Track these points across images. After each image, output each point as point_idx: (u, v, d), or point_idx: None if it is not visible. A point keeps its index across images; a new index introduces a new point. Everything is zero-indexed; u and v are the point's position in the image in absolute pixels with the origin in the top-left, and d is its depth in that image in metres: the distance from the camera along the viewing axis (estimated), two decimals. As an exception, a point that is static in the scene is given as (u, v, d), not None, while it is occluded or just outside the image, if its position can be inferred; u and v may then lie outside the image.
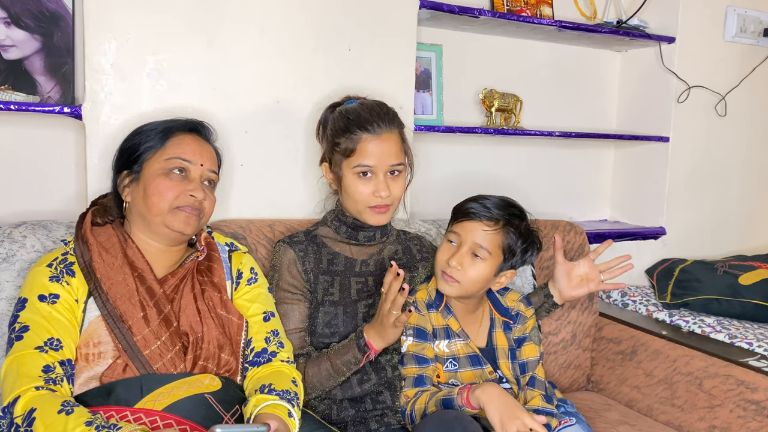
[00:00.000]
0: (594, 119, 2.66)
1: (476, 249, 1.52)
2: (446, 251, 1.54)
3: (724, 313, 2.21)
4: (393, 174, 1.54)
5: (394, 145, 1.53)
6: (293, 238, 1.59)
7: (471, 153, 2.39)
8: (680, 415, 1.84)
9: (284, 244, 1.58)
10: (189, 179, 1.38)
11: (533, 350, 1.61)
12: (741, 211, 2.76)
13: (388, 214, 1.57)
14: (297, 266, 1.55)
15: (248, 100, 1.80)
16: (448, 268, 1.52)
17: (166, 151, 1.38)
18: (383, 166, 1.52)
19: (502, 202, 1.56)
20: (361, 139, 1.50)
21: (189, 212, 1.36)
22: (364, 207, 1.54)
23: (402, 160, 1.56)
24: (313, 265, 1.56)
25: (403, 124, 1.59)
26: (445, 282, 1.53)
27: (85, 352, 1.27)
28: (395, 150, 1.53)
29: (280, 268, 1.56)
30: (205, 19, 1.72)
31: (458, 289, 1.53)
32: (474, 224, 1.52)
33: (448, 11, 2.05)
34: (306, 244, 1.58)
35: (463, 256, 1.51)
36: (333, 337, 1.53)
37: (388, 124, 1.52)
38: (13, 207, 1.72)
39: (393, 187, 1.53)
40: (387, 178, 1.53)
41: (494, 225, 1.52)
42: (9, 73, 1.65)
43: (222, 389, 1.30)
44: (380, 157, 1.51)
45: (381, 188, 1.51)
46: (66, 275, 1.30)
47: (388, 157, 1.52)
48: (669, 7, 2.48)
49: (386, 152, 1.51)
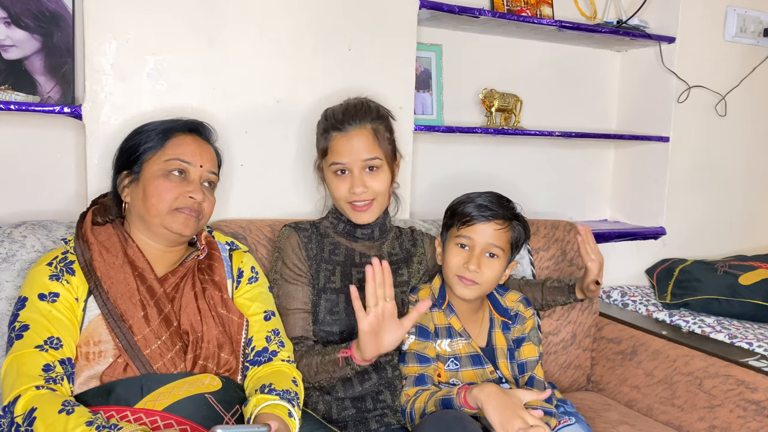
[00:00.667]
0: (594, 119, 2.66)
1: (491, 249, 1.53)
2: (459, 256, 1.55)
3: (724, 313, 2.21)
4: (371, 170, 1.54)
5: (365, 141, 1.53)
6: (299, 225, 1.61)
7: (471, 153, 2.39)
8: (680, 415, 1.84)
9: (289, 228, 1.60)
10: (188, 180, 1.38)
11: (532, 350, 1.61)
12: (741, 211, 2.76)
13: (371, 212, 1.56)
14: (300, 250, 1.56)
15: (248, 100, 1.80)
16: (466, 272, 1.52)
17: (166, 152, 1.37)
18: (356, 162, 1.52)
19: (498, 198, 1.58)
20: (332, 137, 1.54)
21: (188, 214, 1.36)
22: (345, 204, 1.56)
23: (377, 154, 1.54)
24: (315, 252, 1.57)
25: (382, 119, 1.57)
26: (464, 286, 1.54)
27: (86, 351, 1.27)
28: (366, 145, 1.53)
29: (285, 249, 1.57)
30: (205, 20, 1.73)
31: (477, 291, 1.55)
32: (485, 226, 1.53)
33: (448, 11, 2.05)
34: (310, 232, 1.60)
35: (480, 257, 1.52)
36: (335, 325, 1.53)
37: (358, 120, 1.53)
38: (13, 207, 1.72)
39: (371, 182, 1.53)
40: (363, 174, 1.53)
41: (504, 223, 1.54)
42: (9, 73, 1.65)
43: (222, 389, 1.30)
44: (350, 153, 1.52)
45: (356, 184, 1.52)
46: (66, 274, 1.30)
47: (359, 152, 1.52)
48: (669, 7, 2.48)
49: (356, 148, 1.52)
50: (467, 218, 1.54)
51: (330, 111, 1.59)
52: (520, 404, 1.34)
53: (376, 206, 1.56)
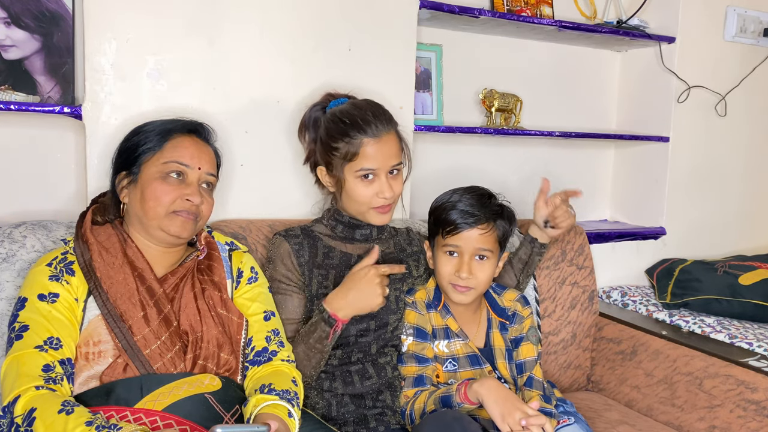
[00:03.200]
0: (594, 119, 2.66)
1: (480, 252, 1.53)
2: (450, 264, 1.54)
3: (724, 313, 2.21)
4: (393, 173, 1.55)
5: (394, 146, 1.54)
6: (289, 232, 1.60)
7: (471, 153, 2.39)
8: (680, 415, 1.84)
9: (280, 237, 1.59)
10: (186, 183, 1.37)
11: (530, 350, 1.61)
12: (741, 211, 2.76)
13: (390, 213, 1.59)
14: (292, 259, 1.55)
15: (248, 100, 1.80)
16: (459, 279, 1.52)
17: (164, 155, 1.37)
18: (385, 167, 1.52)
19: (479, 198, 1.56)
20: (363, 143, 1.50)
21: (185, 217, 1.36)
22: (368, 208, 1.55)
23: (401, 159, 1.57)
24: (308, 258, 1.56)
25: (397, 123, 1.59)
26: (459, 293, 1.54)
27: (85, 351, 1.27)
28: (395, 151, 1.54)
29: (275, 260, 1.57)
30: (205, 20, 1.73)
31: (473, 294, 1.55)
32: (470, 232, 1.52)
33: (448, 11, 2.05)
34: (302, 238, 1.58)
35: (470, 263, 1.52)
36: None
37: (386, 125, 1.53)
38: (13, 207, 1.71)
39: (394, 186, 1.55)
40: (388, 178, 1.53)
41: (488, 225, 1.53)
42: (9, 73, 1.65)
43: (222, 389, 1.30)
44: (382, 159, 1.51)
45: (385, 189, 1.52)
46: (66, 274, 1.30)
47: (389, 158, 1.53)
48: (669, 7, 2.48)
49: (387, 154, 1.52)
50: (451, 227, 1.53)
51: (345, 111, 1.54)
52: (519, 398, 1.36)
53: (393, 207, 1.59)
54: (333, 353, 1.53)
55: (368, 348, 1.55)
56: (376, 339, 1.56)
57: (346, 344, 1.54)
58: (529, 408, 1.32)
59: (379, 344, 1.56)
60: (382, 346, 1.57)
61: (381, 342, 1.57)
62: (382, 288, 1.47)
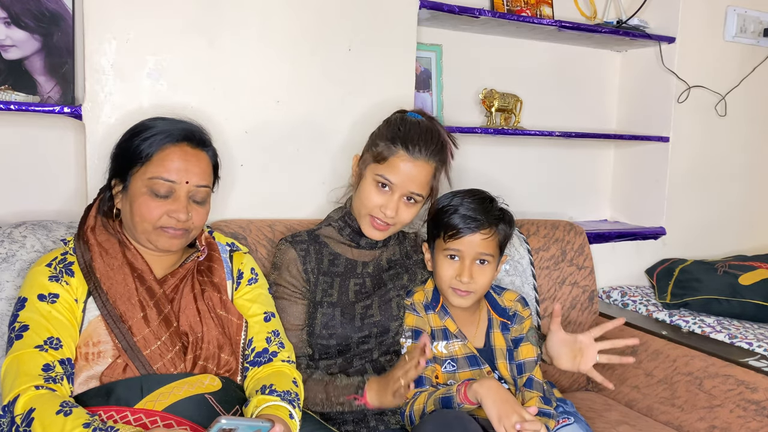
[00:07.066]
0: (594, 119, 2.66)
1: (481, 257, 1.53)
2: (451, 268, 1.54)
3: (724, 313, 2.21)
4: (409, 200, 1.53)
5: (425, 176, 1.51)
6: (296, 238, 1.59)
7: (471, 153, 2.39)
8: (680, 415, 1.84)
9: (286, 243, 1.58)
10: (173, 198, 1.33)
11: (530, 351, 1.60)
12: (741, 211, 2.76)
13: (385, 233, 1.56)
14: (298, 266, 1.55)
15: (248, 100, 1.80)
16: (460, 284, 1.52)
17: (150, 169, 1.32)
18: (403, 188, 1.50)
19: (480, 202, 1.55)
20: (397, 154, 1.49)
21: (172, 233, 1.34)
22: (366, 214, 1.54)
23: (424, 192, 1.53)
24: (314, 265, 1.56)
25: (444, 162, 1.56)
26: (459, 297, 1.54)
27: (85, 352, 1.27)
28: (422, 180, 1.51)
29: (281, 266, 1.56)
30: (205, 20, 1.73)
31: (473, 298, 1.55)
32: (472, 237, 1.52)
33: (448, 11, 2.05)
34: (308, 244, 1.58)
35: (471, 267, 1.52)
36: (331, 339, 1.53)
37: (427, 153, 1.50)
38: (13, 207, 1.71)
39: (402, 211, 1.52)
40: (401, 200, 1.52)
41: (490, 230, 1.53)
42: (9, 73, 1.65)
43: (222, 389, 1.30)
44: (404, 178, 1.49)
45: (389, 206, 1.50)
46: (65, 275, 1.30)
47: (411, 182, 1.50)
48: (669, 7, 2.48)
49: (411, 177, 1.49)
50: (453, 231, 1.53)
51: (407, 122, 1.53)
52: (518, 401, 1.36)
53: (391, 230, 1.56)
54: (334, 361, 1.54)
55: (369, 354, 1.55)
56: (378, 345, 1.56)
57: (347, 351, 1.54)
58: (526, 412, 1.32)
59: (381, 350, 1.56)
60: (383, 352, 1.57)
61: (383, 348, 1.56)
62: (407, 391, 1.39)
